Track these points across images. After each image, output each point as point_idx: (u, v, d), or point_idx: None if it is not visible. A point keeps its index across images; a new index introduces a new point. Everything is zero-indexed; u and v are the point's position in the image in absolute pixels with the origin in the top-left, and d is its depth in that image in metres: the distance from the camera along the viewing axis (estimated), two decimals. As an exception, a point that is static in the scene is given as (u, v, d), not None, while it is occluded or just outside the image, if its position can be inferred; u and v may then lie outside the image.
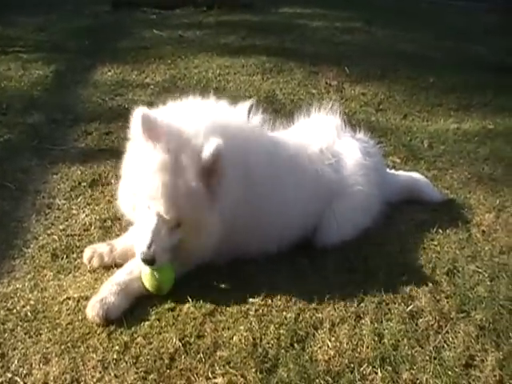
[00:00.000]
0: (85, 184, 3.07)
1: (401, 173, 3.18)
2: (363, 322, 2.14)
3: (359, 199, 2.61)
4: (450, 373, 1.94)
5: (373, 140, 3.01)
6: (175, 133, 2.10)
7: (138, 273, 2.20)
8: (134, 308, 2.17)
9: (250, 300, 2.21)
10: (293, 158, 2.54)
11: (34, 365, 1.91)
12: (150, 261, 2.09)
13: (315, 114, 2.86)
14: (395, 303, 2.25)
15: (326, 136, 2.71)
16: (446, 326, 2.15)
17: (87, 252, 2.43)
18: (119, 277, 2.23)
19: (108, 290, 2.16)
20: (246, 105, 2.47)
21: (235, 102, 2.50)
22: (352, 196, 2.60)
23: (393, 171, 3.17)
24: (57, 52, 5.35)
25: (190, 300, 2.20)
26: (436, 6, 8.46)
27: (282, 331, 2.07)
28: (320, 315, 2.16)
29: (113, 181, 3.09)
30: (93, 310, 2.10)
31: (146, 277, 2.18)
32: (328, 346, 2.02)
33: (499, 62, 5.71)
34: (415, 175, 3.17)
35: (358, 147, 2.70)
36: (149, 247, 2.07)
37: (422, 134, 4.01)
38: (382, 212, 2.75)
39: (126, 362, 1.93)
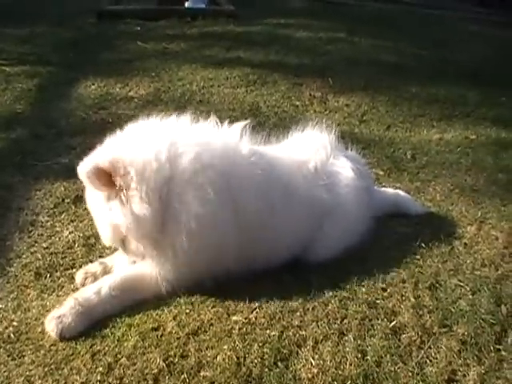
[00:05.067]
0: (68, 200, 3.06)
1: (385, 189, 3.21)
2: (346, 338, 2.15)
3: (350, 220, 2.63)
4: (432, 389, 1.95)
5: (363, 159, 3.02)
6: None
7: (106, 294, 2.21)
8: (118, 328, 2.16)
9: (234, 318, 2.20)
10: (286, 177, 2.52)
11: (16, 388, 1.90)
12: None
13: (309, 130, 2.84)
14: (378, 319, 2.26)
15: (320, 154, 2.69)
16: (428, 341, 2.16)
17: (79, 275, 2.42)
18: (86, 294, 2.22)
19: (69, 308, 2.16)
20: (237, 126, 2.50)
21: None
22: (343, 216, 2.61)
23: (377, 187, 3.18)
24: (40, 65, 5.32)
25: (173, 319, 2.20)
26: (417, 15, 8.55)
27: (265, 350, 2.06)
28: (303, 333, 2.17)
29: (96, 197, 3.08)
30: (49, 325, 2.13)
31: None
32: (311, 364, 2.02)
33: (480, 71, 5.77)
34: (398, 191, 3.20)
35: (350, 167, 2.69)
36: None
37: (405, 145, 4.04)
38: (367, 228, 2.74)
39: (110, 384, 1.92)
